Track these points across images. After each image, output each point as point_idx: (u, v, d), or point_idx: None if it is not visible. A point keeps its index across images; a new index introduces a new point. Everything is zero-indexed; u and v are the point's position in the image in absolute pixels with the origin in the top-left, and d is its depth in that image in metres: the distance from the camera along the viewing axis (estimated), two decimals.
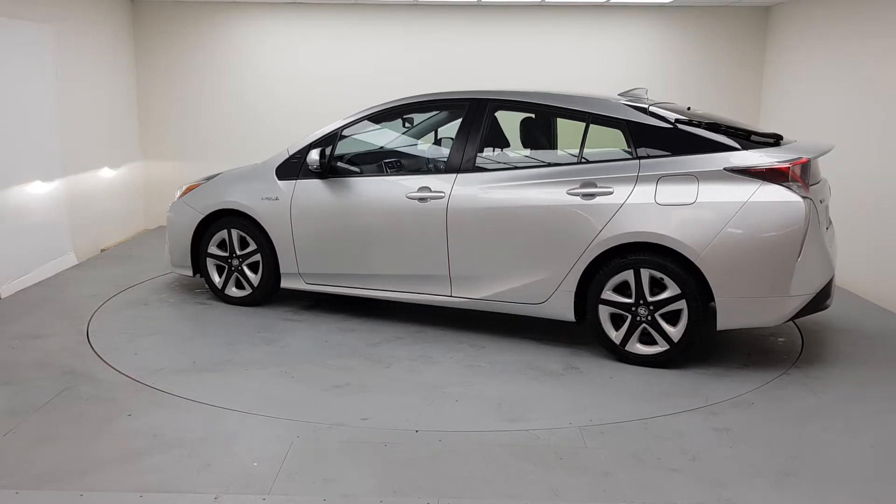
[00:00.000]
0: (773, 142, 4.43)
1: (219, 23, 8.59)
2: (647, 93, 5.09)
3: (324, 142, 5.29)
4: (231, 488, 3.08)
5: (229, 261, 5.66)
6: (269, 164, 5.51)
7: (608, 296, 4.49)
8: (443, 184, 4.88)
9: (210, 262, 5.73)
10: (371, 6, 8.44)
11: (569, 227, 4.53)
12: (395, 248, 5.05)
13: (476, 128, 4.91)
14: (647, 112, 4.57)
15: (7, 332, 4.99)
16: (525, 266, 4.68)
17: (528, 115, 5.27)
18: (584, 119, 4.70)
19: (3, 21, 6.00)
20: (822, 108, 7.12)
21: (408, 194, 4.95)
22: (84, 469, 3.21)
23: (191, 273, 5.81)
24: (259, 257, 5.53)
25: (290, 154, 5.42)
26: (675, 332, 4.38)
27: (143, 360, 4.53)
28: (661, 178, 4.37)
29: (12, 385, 4.11)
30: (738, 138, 4.40)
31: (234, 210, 5.56)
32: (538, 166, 4.88)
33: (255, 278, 5.59)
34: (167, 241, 5.96)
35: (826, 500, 3.08)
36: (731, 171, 4.25)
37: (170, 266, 6.02)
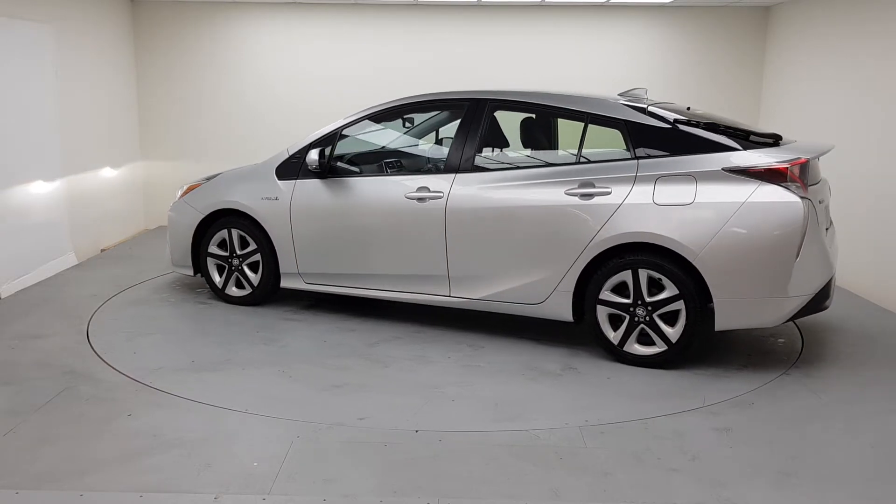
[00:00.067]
0: (772, 142, 4.41)
1: (219, 23, 8.59)
2: (646, 93, 5.08)
3: (323, 142, 5.29)
4: (231, 488, 3.08)
5: (229, 260, 5.66)
6: (270, 164, 5.52)
7: (606, 296, 4.49)
8: (441, 184, 4.88)
9: (210, 262, 5.74)
10: (371, 6, 8.44)
11: (567, 228, 4.52)
12: (393, 247, 5.05)
13: (475, 128, 4.91)
14: (645, 112, 4.56)
15: (7, 332, 4.99)
16: (523, 266, 4.68)
17: (529, 115, 5.27)
18: (583, 119, 4.70)
19: (3, 21, 6.00)
20: (822, 108, 7.12)
21: (407, 194, 4.95)
22: (84, 469, 3.21)
23: (191, 272, 5.82)
24: (259, 257, 5.54)
25: (290, 154, 5.43)
26: (673, 332, 4.37)
27: (141, 360, 4.54)
28: (659, 178, 4.37)
29: (12, 385, 4.11)
30: (737, 138, 4.38)
31: (235, 210, 5.57)
32: (537, 166, 4.88)
33: (255, 278, 5.60)
34: (168, 241, 5.96)
35: (826, 500, 3.08)
36: (729, 171, 4.24)
37: (170, 265, 6.02)
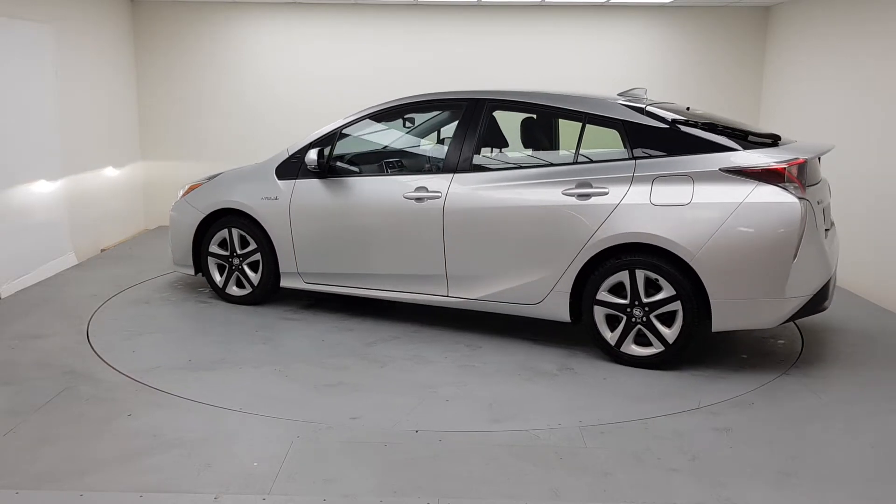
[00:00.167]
0: (771, 142, 4.39)
1: (219, 23, 8.59)
2: (646, 92, 5.08)
3: (322, 142, 5.30)
4: (231, 488, 3.08)
5: (230, 260, 5.67)
6: (270, 164, 5.52)
7: (603, 297, 4.48)
8: (439, 184, 4.87)
9: (211, 261, 5.75)
10: (371, 6, 8.44)
11: (564, 228, 4.51)
12: (392, 247, 5.05)
13: (473, 128, 4.90)
14: (643, 112, 4.55)
15: (7, 332, 4.99)
16: (521, 266, 4.67)
17: (529, 115, 5.26)
18: (581, 119, 4.69)
19: (3, 21, 6.00)
20: (822, 108, 7.12)
21: (405, 194, 4.95)
22: (84, 469, 3.21)
23: (192, 272, 5.83)
24: (259, 256, 5.54)
25: (290, 154, 5.43)
26: (670, 333, 4.35)
27: (139, 358, 4.54)
28: (656, 178, 4.35)
29: (12, 385, 4.11)
30: (735, 139, 4.36)
31: (235, 209, 5.58)
32: (534, 166, 4.86)
33: (255, 277, 5.60)
34: (169, 240, 5.97)
35: (826, 500, 3.08)
36: (726, 171, 4.22)
37: (172, 265, 6.03)
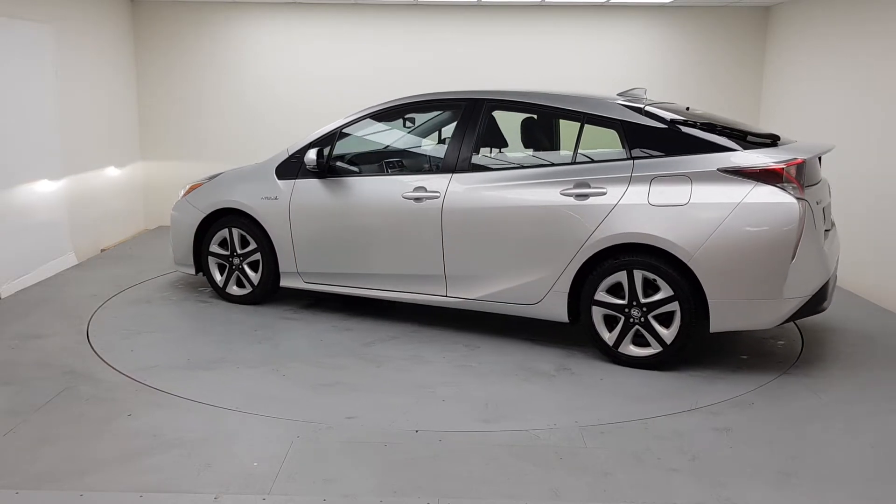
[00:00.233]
0: (770, 142, 4.38)
1: (219, 23, 8.59)
2: (646, 92, 5.08)
3: (322, 142, 5.30)
4: (231, 488, 3.08)
5: (230, 259, 5.68)
6: (270, 164, 5.53)
7: (601, 297, 4.47)
8: (438, 184, 4.87)
9: (212, 261, 5.75)
10: (371, 6, 8.44)
11: (562, 228, 4.51)
12: (391, 247, 5.05)
13: (472, 128, 4.90)
14: (642, 112, 4.54)
15: (7, 332, 4.99)
16: (519, 266, 4.66)
17: (529, 115, 5.26)
18: (579, 119, 4.68)
19: (3, 21, 6.00)
20: (822, 108, 7.12)
21: (404, 194, 4.95)
22: (84, 469, 3.21)
23: (193, 271, 5.84)
24: (259, 256, 5.55)
25: (290, 154, 5.43)
26: (668, 333, 4.34)
27: (138, 358, 4.55)
28: (654, 178, 4.34)
29: (12, 385, 4.11)
30: (734, 139, 4.34)
31: (235, 209, 5.58)
32: (533, 166, 4.85)
33: (255, 277, 5.61)
34: (171, 240, 5.98)
35: (826, 500, 3.08)
36: (724, 171, 4.20)
37: (173, 264, 6.03)
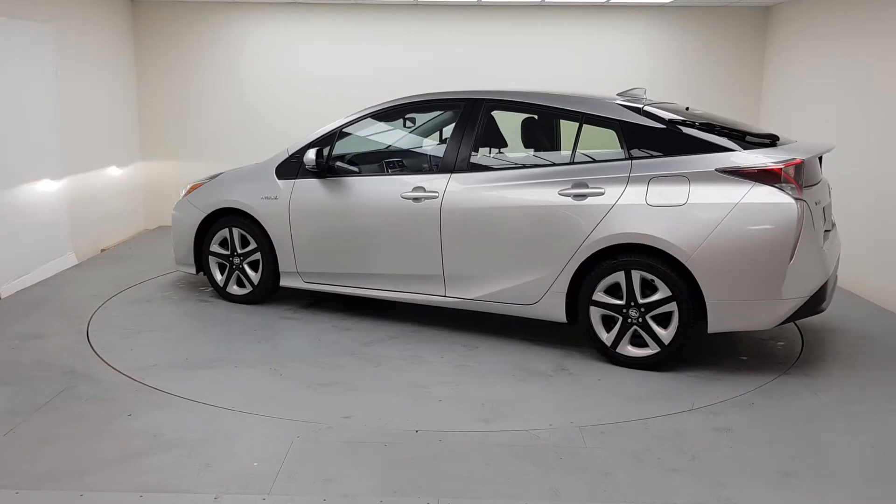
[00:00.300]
0: (769, 142, 4.36)
1: (219, 23, 8.59)
2: (645, 92, 5.07)
3: (321, 142, 5.30)
4: (231, 488, 3.08)
5: (230, 259, 5.68)
6: (270, 164, 5.53)
7: (599, 297, 4.46)
8: (437, 184, 4.87)
9: (212, 260, 5.76)
10: (371, 6, 8.44)
11: (560, 228, 4.50)
12: (390, 247, 5.05)
13: (471, 128, 4.90)
14: (640, 112, 4.53)
15: (7, 332, 4.99)
16: (517, 267, 4.66)
17: (530, 115, 5.26)
18: (578, 119, 4.68)
19: (3, 21, 6.00)
20: (822, 108, 7.12)
21: (402, 194, 4.94)
22: (84, 469, 3.21)
23: (194, 271, 5.85)
24: (259, 256, 5.55)
25: (290, 154, 5.44)
26: (665, 334, 4.32)
27: (137, 357, 4.55)
28: (652, 178, 4.32)
29: (12, 385, 4.11)
30: (733, 139, 4.33)
31: (236, 209, 5.59)
32: (531, 166, 4.84)
33: (255, 276, 5.61)
34: (172, 240, 5.99)
35: (826, 500, 3.08)
36: (722, 171, 4.19)
37: (174, 264, 6.04)
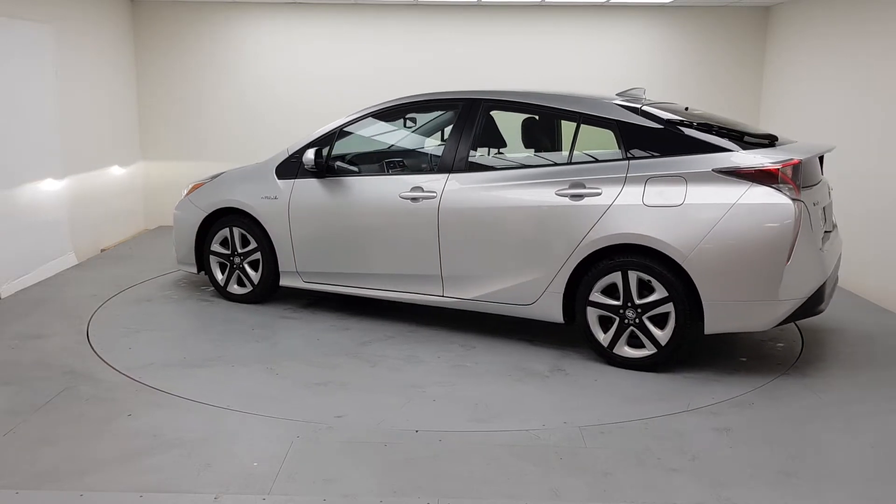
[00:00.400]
0: (768, 143, 4.35)
1: (219, 23, 8.59)
2: (644, 92, 5.07)
3: (320, 142, 5.31)
4: (231, 488, 3.08)
5: (231, 258, 5.69)
6: (270, 164, 5.54)
7: (596, 298, 4.45)
8: (435, 184, 4.87)
9: (213, 260, 5.77)
10: (371, 6, 8.44)
11: (557, 228, 4.49)
12: (388, 247, 5.05)
13: (469, 128, 4.90)
14: (638, 112, 4.52)
15: (7, 332, 4.99)
16: (514, 267, 4.66)
17: (530, 116, 5.26)
18: (576, 119, 4.68)
19: (3, 21, 6.00)
20: (822, 108, 7.12)
21: (401, 194, 4.95)
22: (84, 469, 3.21)
23: (195, 270, 5.86)
24: (259, 255, 5.55)
25: (290, 154, 5.45)
26: (662, 335, 4.31)
27: (135, 356, 4.56)
28: (649, 179, 4.31)
29: (12, 385, 4.11)
30: (730, 139, 4.32)
31: (236, 208, 5.60)
32: (529, 166, 4.83)
33: (255, 276, 5.61)
34: (173, 239, 6.00)
35: (826, 500, 3.08)
36: (719, 172, 4.17)
37: (176, 263, 6.05)
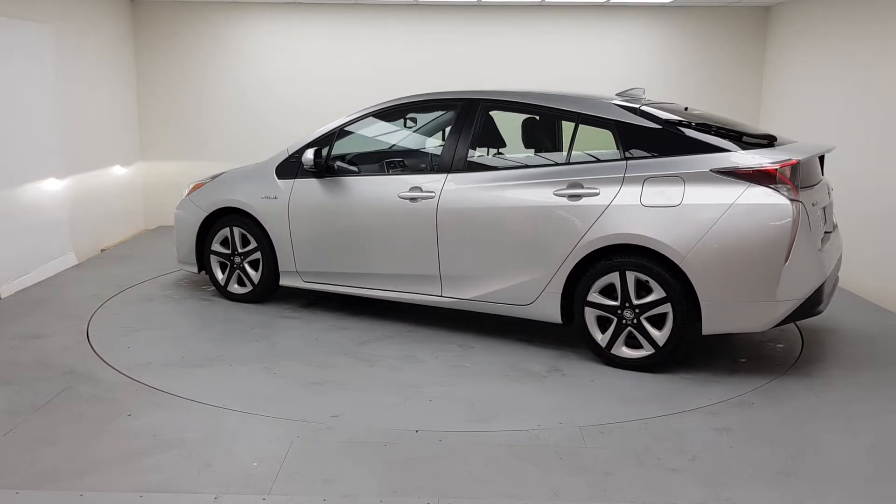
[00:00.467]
0: (766, 143, 4.34)
1: (219, 23, 8.59)
2: (644, 92, 5.07)
3: (320, 142, 5.31)
4: (231, 488, 3.08)
5: (231, 258, 5.69)
6: (270, 164, 5.55)
7: (594, 298, 4.44)
8: (433, 184, 4.87)
9: (213, 259, 5.78)
10: (371, 6, 8.44)
11: (555, 229, 4.49)
12: (387, 247, 5.06)
13: (468, 128, 4.90)
14: (636, 112, 4.51)
15: (7, 332, 4.99)
16: (513, 267, 4.65)
17: (530, 116, 5.25)
18: (574, 119, 4.67)
19: (3, 21, 6.00)
20: (822, 108, 7.12)
21: (399, 194, 4.95)
22: (84, 469, 3.21)
23: (196, 269, 5.87)
24: (259, 255, 5.56)
25: (290, 154, 5.45)
26: (660, 335, 4.31)
27: (134, 355, 4.57)
28: (647, 179, 4.30)
29: (12, 385, 4.11)
30: (729, 139, 4.30)
31: (237, 208, 5.60)
32: (528, 166, 4.83)
33: (255, 276, 5.62)
34: (174, 239, 6.01)
35: (826, 500, 3.08)
36: (717, 172, 4.16)
37: (177, 262, 6.06)
